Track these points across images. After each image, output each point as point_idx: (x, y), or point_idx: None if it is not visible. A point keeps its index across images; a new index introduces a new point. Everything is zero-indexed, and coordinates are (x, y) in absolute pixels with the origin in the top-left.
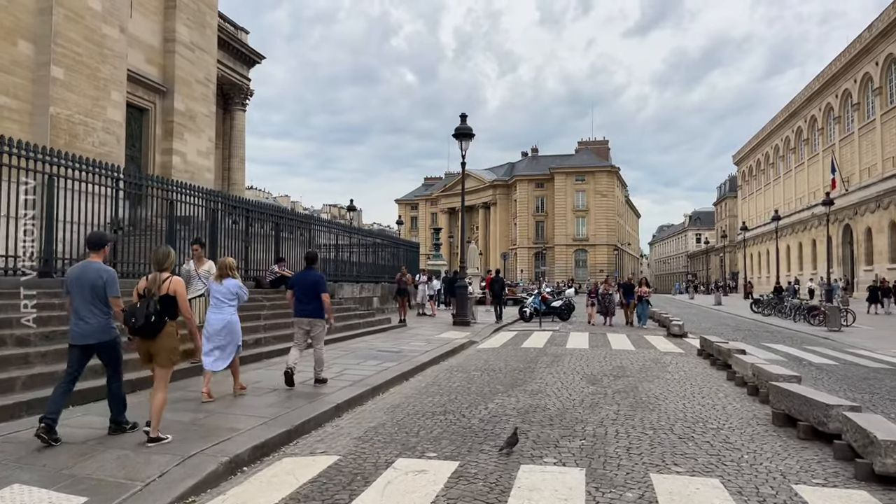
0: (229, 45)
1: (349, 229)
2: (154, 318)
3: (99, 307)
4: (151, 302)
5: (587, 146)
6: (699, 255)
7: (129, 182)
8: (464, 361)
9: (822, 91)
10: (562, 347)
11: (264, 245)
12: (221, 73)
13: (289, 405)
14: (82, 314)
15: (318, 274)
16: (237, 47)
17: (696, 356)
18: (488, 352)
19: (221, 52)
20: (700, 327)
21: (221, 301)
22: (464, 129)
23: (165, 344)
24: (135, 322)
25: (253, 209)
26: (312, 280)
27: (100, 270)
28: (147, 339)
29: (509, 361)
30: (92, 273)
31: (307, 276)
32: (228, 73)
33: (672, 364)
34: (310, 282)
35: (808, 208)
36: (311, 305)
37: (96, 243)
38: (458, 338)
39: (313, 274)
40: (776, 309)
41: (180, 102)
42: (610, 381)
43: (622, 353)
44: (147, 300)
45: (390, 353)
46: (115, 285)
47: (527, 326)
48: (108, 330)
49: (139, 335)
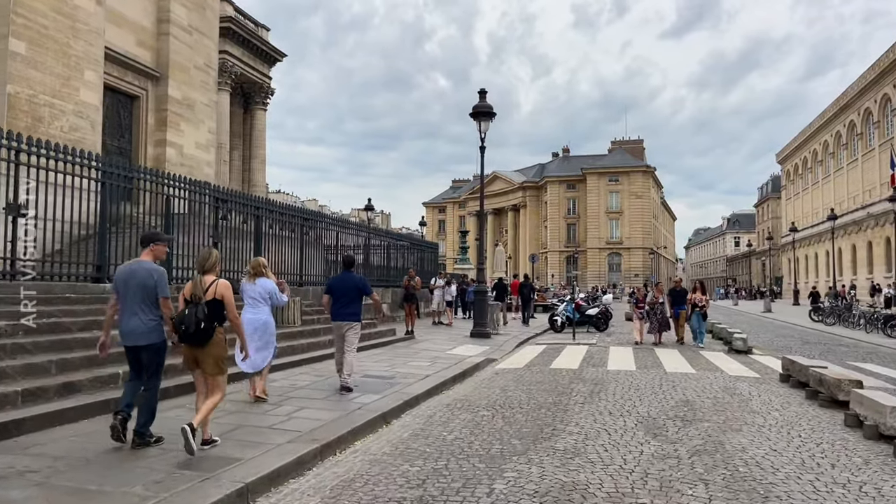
0: (249, 42)
1: (356, 227)
2: (204, 323)
3: (149, 307)
4: (200, 307)
5: (621, 146)
6: (739, 258)
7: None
8: (473, 391)
9: (878, 81)
10: (602, 369)
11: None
12: (241, 71)
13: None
14: (131, 313)
15: (359, 277)
16: (257, 45)
17: (779, 382)
18: (508, 375)
19: (241, 49)
20: (760, 340)
21: (257, 301)
22: (483, 108)
23: (213, 352)
24: (185, 329)
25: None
26: (352, 284)
27: (151, 270)
28: (196, 347)
29: (534, 392)
30: (143, 272)
31: (346, 280)
32: (248, 72)
33: (755, 397)
34: (349, 285)
35: (863, 207)
36: (348, 309)
37: (147, 241)
38: (473, 354)
39: (352, 277)
40: (841, 318)
41: (176, 90)
42: (678, 430)
43: (681, 379)
44: (195, 306)
45: (377, 380)
46: (165, 286)
47: (558, 339)
48: (157, 332)
49: (190, 342)
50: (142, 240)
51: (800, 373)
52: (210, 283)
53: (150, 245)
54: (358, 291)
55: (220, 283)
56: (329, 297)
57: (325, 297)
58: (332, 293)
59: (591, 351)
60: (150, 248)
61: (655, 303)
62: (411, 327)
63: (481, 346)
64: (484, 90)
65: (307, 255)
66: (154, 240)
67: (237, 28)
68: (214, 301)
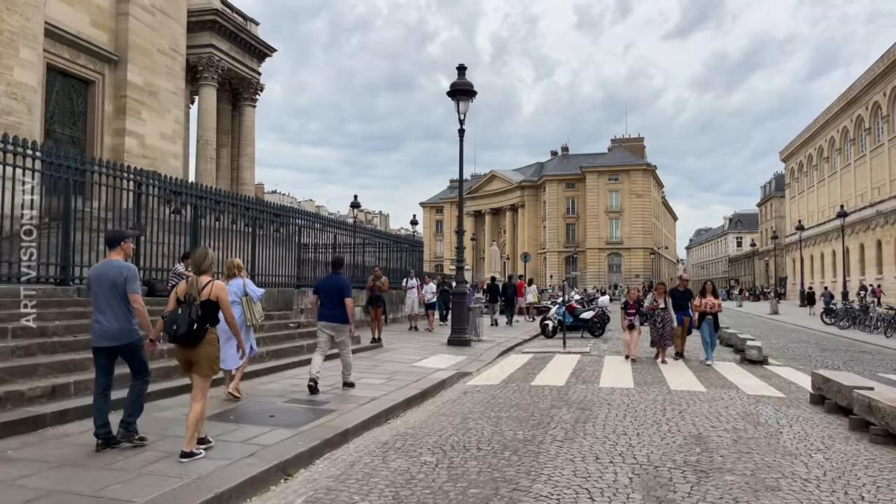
0: (237, 36)
1: (323, 222)
2: (196, 325)
3: (120, 306)
4: (194, 308)
5: (621, 143)
6: (742, 259)
7: None
8: (427, 421)
9: (887, 74)
10: (592, 387)
11: (183, 238)
12: (228, 66)
13: None
14: (103, 314)
15: (344, 278)
16: (245, 39)
17: (811, 405)
18: (478, 395)
19: (228, 43)
20: (773, 346)
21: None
22: (461, 85)
23: (206, 352)
24: (177, 329)
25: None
26: (338, 285)
27: (121, 267)
28: (188, 347)
29: (502, 422)
30: (113, 271)
31: (333, 281)
32: (236, 67)
33: (785, 429)
34: (335, 286)
35: (872, 205)
36: (336, 310)
37: (113, 241)
38: (443, 367)
39: (339, 278)
40: (857, 321)
41: (137, 75)
42: (691, 490)
43: (689, 400)
44: (189, 306)
45: (303, 407)
46: (135, 281)
47: (547, 346)
48: (131, 332)
49: (180, 343)
50: (110, 240)
51: (838, 395)
52: (205, 284)
53: (121, 244)
54: (342, 293)
55: (216, 284)
56: (317, 297)
57: (313, 296)
58: (319, 293)
59: (583, 362)
60: (121, 247)
61: (656, 308)
62: (378, 334)
63: (457, 355)
64: (463, 66)
65: (263, 252)
66: (123, 238)
67: (224, 21)
68: (209, 302)
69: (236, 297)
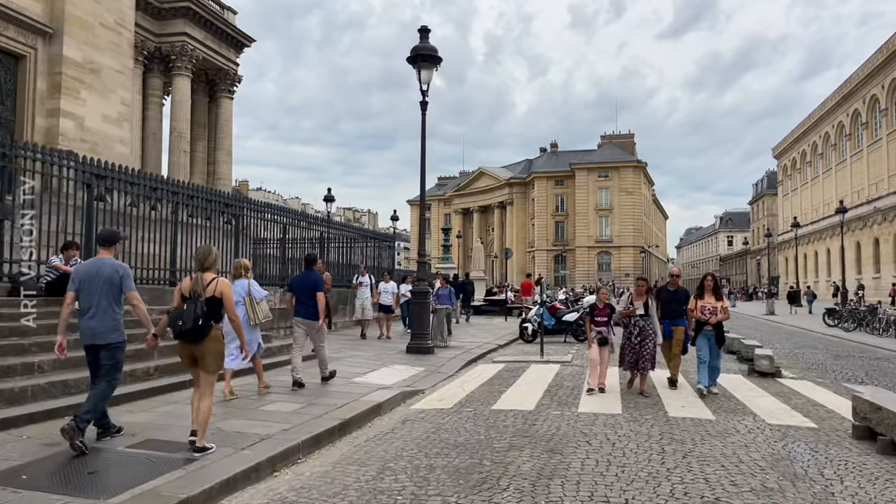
0: (213, 24)
1: (276, 211)
2: (202, 321)
3: (110, 305)
4: (198, 304)
5: (611, 140)
6: (733, 258)
7: None
8: (327, 474)
9: (886, 65)
10: (569, 412)
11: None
12: (204, 55)
13: None
14: (94, 312)
15: (317, 275)
16: (222, 28)
17: (855, 440)
18: (418, 427)
19: (204, 32)
20: (778, 352)
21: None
22: (424, 50)
23: (211, 348)
24: (182, 325)
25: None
26: (312, 282)
27: (116, 266)
28: (192, 344)
29: (433, 476)
30: (108, 269)
31: (307, 278)
32: (213, 57)
33: (835, 483)
34: (309, 283)
35: (870, 202)
36: (309, 308)
37: (108, 240)
38: (389, 384)
39: (313, 275)
40: (863, 323)
41: (75, 50)
42: None
43: (694, 434)
44: (194, 302)
45: (153, 455)
46: (131, 280)
47: (524, 353)
48: (118, 331)
49: (185, 339)
50: (105, 239)
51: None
52: (210, 281)
53: (115, 243)
54: (316, 289)
55: (220, 281)
56: (291, 294)
57: (288, 294)
58: (293, 291)
59: (562, 375)
60: (114, 246)
61: (632, 314)
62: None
63: (414, 366)
64: (426, 27)
65: (190, 243)
66: (118, 238)
67: (198, 8)
68: (213, 299)
69: (240, 297)
